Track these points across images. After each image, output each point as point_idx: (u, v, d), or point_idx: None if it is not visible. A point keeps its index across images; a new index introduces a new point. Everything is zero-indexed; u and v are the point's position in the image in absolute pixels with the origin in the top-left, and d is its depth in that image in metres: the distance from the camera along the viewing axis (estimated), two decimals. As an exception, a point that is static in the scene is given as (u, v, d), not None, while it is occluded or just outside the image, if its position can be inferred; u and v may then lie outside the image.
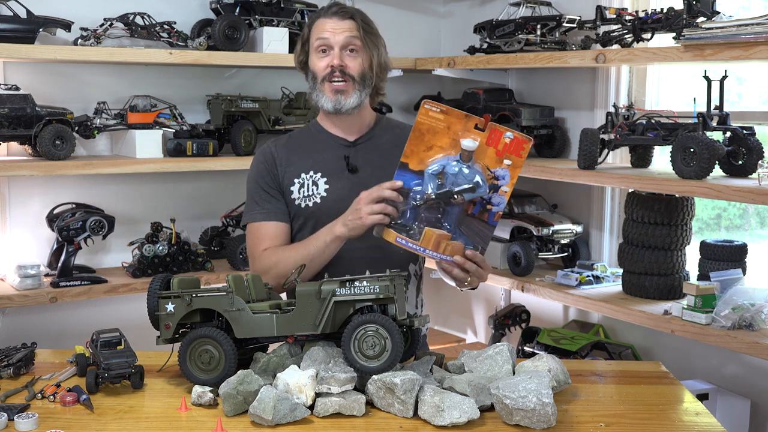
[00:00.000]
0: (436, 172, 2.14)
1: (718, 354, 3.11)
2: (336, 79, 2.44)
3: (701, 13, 2.85)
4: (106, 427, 1.79)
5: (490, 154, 2.11)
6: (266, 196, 2.50)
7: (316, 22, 2.50)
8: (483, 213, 2.16)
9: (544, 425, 1.76)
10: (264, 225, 2.49)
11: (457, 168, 2.13)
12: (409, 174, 2.16)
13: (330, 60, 2.44)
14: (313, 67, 2.48)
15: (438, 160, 2.14)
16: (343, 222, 2.31)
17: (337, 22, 2.45)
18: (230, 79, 3.87)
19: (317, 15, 2.52)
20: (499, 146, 2.11)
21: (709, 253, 2.99)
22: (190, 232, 3.70)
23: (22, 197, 3.45)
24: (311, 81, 2.50)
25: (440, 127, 2.12)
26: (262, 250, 2.47)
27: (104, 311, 3.58)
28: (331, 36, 2.44)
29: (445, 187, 2.14)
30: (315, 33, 2.48)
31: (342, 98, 2.45)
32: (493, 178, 2.12)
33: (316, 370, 1.86)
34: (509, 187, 2.13)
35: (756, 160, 2.81)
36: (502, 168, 2.12)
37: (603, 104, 3.51)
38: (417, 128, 2.13)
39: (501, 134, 2.10)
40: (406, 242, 2.17)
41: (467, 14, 4.23)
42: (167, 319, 1.99)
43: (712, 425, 1.85)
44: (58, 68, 3.47)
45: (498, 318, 3.79)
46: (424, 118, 2.12)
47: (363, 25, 2.48)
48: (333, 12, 2.47)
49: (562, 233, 3.52)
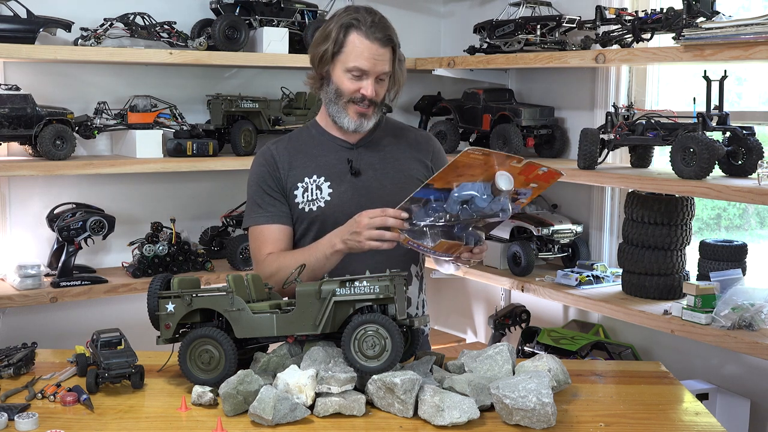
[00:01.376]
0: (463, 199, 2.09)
1: (718, 354, 3.11)
2: (363, 105, 2.42)
3: (701, 13, 2.85)
4: (106, 427, 1.79)
5: (520, 180, 2.11)
6: (269, 199, 2.49)
7: (353, 36, 2.37)
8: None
9: (544, 425, 1.77)
10: (267, 228, 2.48)
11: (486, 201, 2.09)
12: (431, 191, 2.12)
13: (363, 87, 2.38)
14: (341, 84, 2.40)
15: (467, 185, 2.08)
16: (342, 239, 2.29)
17: (379, 50, 2.37)
18: (230, 79, 3.87)
19: (354, 25, 2.37)
20: (531, 176, 2.12)
21: (708, 253, 2.99)
22: (190, 232, 3.70)
23: (23, 197, 3.45)
24: (333, 95, 2.43)
25: (477, 163, 2.07)
26: (266, 254, 2.46)
27: (104, 311, 3.58)
28: (371, 68, 2.37)
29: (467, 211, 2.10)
30: (353, 52, 2.37)
31: (365, 121, 2.44)
32: (515, 193, 2.14)
33: (316, 370, 1.86)
34: (526, 200, 2.17)
35: (756, 160, 2.81)
36: (527, 188, 2.14)
37: (603, 104, 3.51)
38: (454, 164, 2.06)
39: (535, 169, 2.10)
40: (417, 246, 2.18)
41: (467, 14, 4.23)
42: (167, 319, 1.99)
43: (712, 425, 1.85)
44: (58, 68, 3.47)
45: (498, 318, 3.79)
46: (464, 158, 2.05)
47: (398, 52, 2.43)
48: (376, 37, 2.36)
49: (562, 233, 3.52)
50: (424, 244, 2.17)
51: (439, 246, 2.17)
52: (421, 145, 2.62)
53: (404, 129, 2.66)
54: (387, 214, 2.19)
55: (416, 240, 2.17)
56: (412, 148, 2.57)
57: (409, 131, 2.66)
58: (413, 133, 2.66)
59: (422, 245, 2.18)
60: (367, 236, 2.22)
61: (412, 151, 2.57)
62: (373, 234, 2.20)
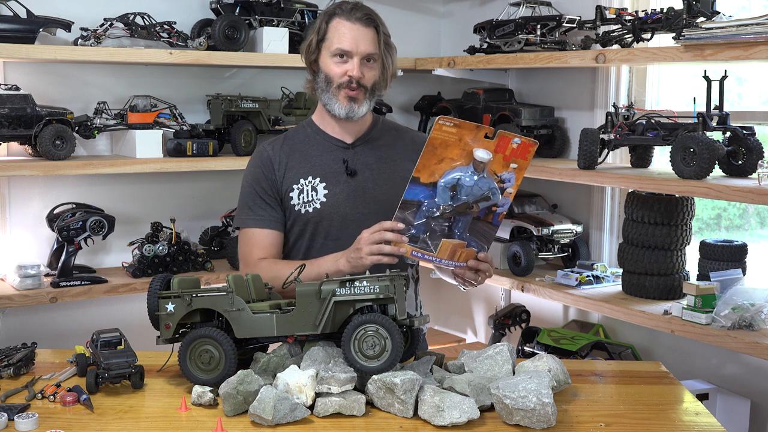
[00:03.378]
0: (449, 185, 2.13)
1: (718, 354, 3.11)
2: (351, 88, 2.41)
3: (701, 13, 2.85)
4: (106, 427, 1.79)
5: (498, 160, 2.12)
6: (261, 203, 2.48)
7: (335, 22, 2.41)
8: (488, 215, 2.18)
9: (544, 425, 1.76)
10: (257, 232, 2.48)
11: (471, 179, 2.12)
12: (420, 187, 2.15)
13: (349, 69, 2.39)
14: (328, 70, 2.42)
15: (450, 172, 2.13)
16: (346, 258, 2.29)
17: (360, 30, 2.39)
18: (230, 79, 3.87)
19: (336, 13, 2.42)
20: (507, 151, 2.12)
21: (709, 253, 2.99)
22: (190, 232, 3.70)
23: (22, 197, 3.45)
24: (323, 83, 2.44)
25: (452, 140, 2.11)
26: (258, 258, 2.45)
27: (104, 311, 3.58)
28: (354, 47, 2.38)
29: (459, 198, 2.14)
30: (335, 36, 2.40)
31: (355, 106, 2.43)
32: (499, 181, 2.14)
33: (316, 370, 1.86)
34: (514, 189, 2.15)
35: (756, 160, 2.81)
36: (508, 171, 2.14)
37: (603, 104, 3.51)
38: (430, 143, 2.11)
39: (509, 141, 2.11)
40: (422, 255, 2.18)
41: (467, 14, 4.23)
42: (167, 319, 1.99)
43: (712, 425, 1.85)
44: (58, 68, 3.47)
45: (498, 318, 3.79)
46: (438, 133, 2.10)
47: (383, 35, 2.44)
48: (357, 18, 2.40)
49: (562, 233, 3.52)
50: (428, 252, 2.18)
51: (443, 248, 2.17)
52: (417, 146, 2.60)
53: (400, 130, 2.66)
54: (384, 228, 2.19)
55: (420, 249, 2.17)
56: (408, 149, 2.56)
57: (406, 132, 2.66)
58: (410, 133, 2.66)
59: (426, 253, 2.18)
60: (367, 251, 2.21)
61: (408, 152, 2.56)
62: (373, 249, 2.20)
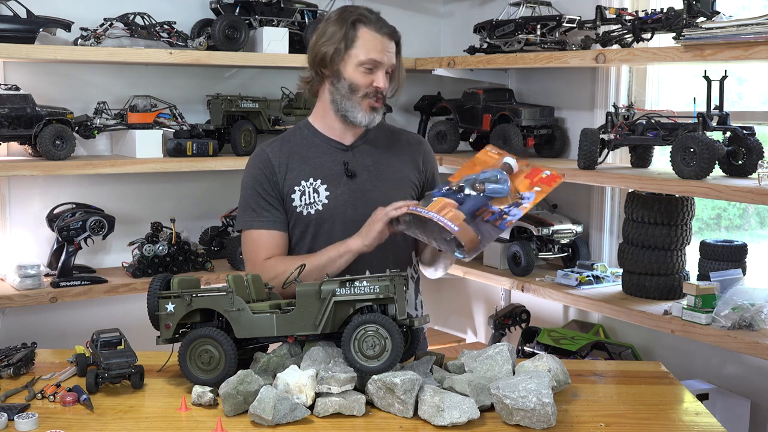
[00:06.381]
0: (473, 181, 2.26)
1: (718, 354, 3.11)
2: (376, 98, 2.44)
3: (701, 13, 2.85)
4: (106, 427, 1.79)
5: (525, 183, 2.25)
6: (264, 204, 2.48)
7: (364, 32, 2.40)
8: (497, 221, 2.19)
9: (544, 425, 1.77)
10: (263, 234, 2.47)
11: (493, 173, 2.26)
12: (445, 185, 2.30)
13: (376, 80, 2.41)
14: (354, 79, 2.41)
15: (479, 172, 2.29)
16: (357, 234, 2.34)
17: (388, 44, 2.43)
18: (230, 79, 3.87)
19: (362, 21, 2.41)
20: (535, 179, 2.26)
21: (709, 253, 2.99)
22: (190, 232, 3.70)
23: (22, 197, 3.45)
24: (347, 90, 2.42)
25: (491, 162, 2.32)
26: (264, 258, 2.45)
27: (104, 311, 3.58)
28: (386, 60, 2.41)
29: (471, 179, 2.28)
30: (365, 45, 2.39)
31: (376, 115, 2.47)
32: (519, 197, 2.22)
33: (316, 370, 1.86)
34: (529, 205, 2.23)
35: (756, 160, 2.81)
36: (530, 192, 2.23)
37: (603, 104, 3.51)
38: (473, 161, 2.32)
39: (540, 171, 2.27)
40: (415, 207, 2.25)
41: (467, 14, 4.23)
42: (167, 319, 1.99)
43: (712, 425, 1.85)
44: (58, 68, 3.47)
45: (498, 318, 3.79)
46: (482, 156, 2.34)
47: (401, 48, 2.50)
48: (385, 31, 2.43)
49: (562, 233, 3.52)
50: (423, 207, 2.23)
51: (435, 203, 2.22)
52: (413, 147, 2.62)
53: (395, 131, 2.66)
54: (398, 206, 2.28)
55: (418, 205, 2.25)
56: (404, 151, 2.58)
57: (401, 133, 2.66)
58: (405, 135, 2.66)
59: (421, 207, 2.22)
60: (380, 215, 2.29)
61: (404, 154, 2.57)
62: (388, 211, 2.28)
